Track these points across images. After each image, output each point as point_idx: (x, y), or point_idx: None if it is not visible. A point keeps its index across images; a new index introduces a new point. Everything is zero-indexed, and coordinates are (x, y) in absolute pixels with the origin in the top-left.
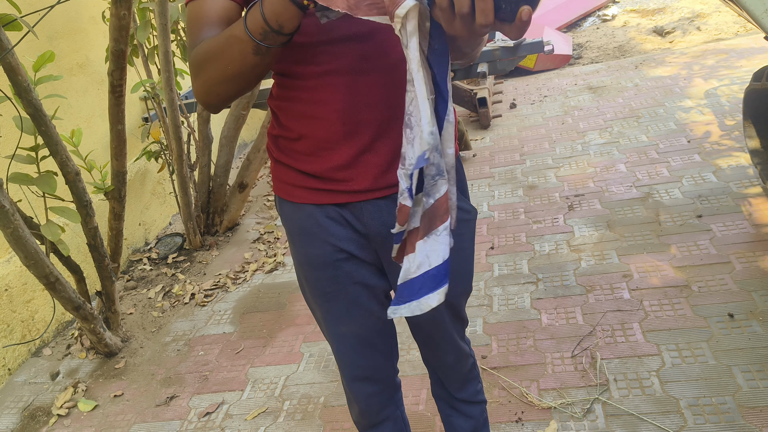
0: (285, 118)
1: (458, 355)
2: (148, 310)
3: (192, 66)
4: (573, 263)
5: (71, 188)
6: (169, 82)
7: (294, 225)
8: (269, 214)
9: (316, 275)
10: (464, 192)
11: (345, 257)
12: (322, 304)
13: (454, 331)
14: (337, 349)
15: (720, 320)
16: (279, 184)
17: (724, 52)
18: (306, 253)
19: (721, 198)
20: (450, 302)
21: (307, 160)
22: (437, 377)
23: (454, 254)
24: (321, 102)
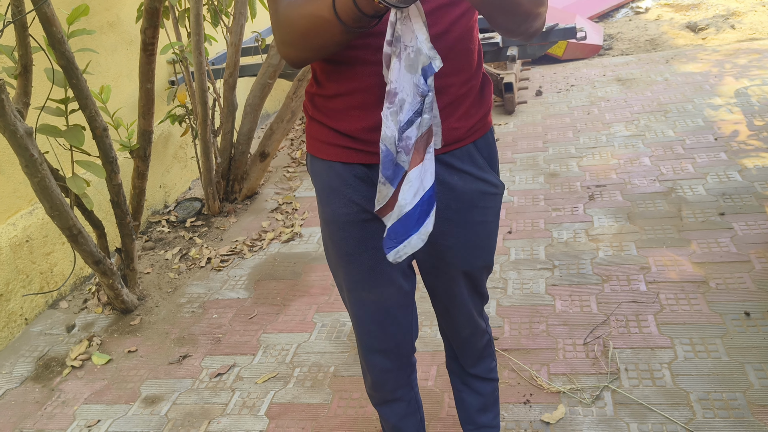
0: (323, 77)
1: (474, 330)
2: (165, 271)
3: (278, 32)
4: (590, 252)
5: (98, 143)
6: (198, 46)
7: (323, 182)
8: (288, 185)
9: (340, 234)
10: (494, 167)
11: (370, 218)
12: (345, 265)
13: (472, 305)
14: (356, 315)
15: (736, 318)
16: (311, 141)
17: (757, 52)
18: (332, 211)
19: (744, 197)
20: (470, 274)
21: (341, 118)
22: (452, 350)
23: (478, 226)
24: (361, 62)
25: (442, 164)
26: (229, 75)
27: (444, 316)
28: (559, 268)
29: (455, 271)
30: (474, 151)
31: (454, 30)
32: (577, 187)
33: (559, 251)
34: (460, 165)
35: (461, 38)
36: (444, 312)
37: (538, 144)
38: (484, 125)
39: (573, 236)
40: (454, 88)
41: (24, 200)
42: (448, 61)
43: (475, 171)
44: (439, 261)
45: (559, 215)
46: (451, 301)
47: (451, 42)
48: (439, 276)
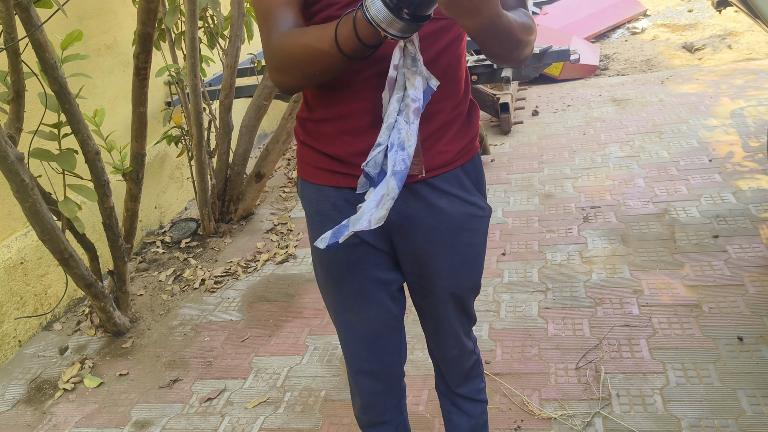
0: (314, 102)
1: (461, 350)
2: (158, 293)
3: (271, 59)
4: (584, 275)
5: (90, 167)
6: (194, 68)
7: (312, 207)
8: (284, 205)
9: (329, 258)
10: (482, 190)
11: (358, 242)
12: (333, 288)
13: (459, 326)
14: (345, 338)
15: (729, 343)
16: (302, 165)
17: (754, 73)
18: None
19: (739, 220)
20: (458, 295)
21: (331, 142)
22: (440, 370)
23: (466, 248)
24: (352, 89)
25: (430, 187)
26: (225, 96)
27: (432, 337)
28: (553, 290)
29: (443, 292)
30: (462, 175)
31: (444, 57)
32: (571, 208)
33: (553, 274)
34: (448, 188)
35: (450, 65)
36: (433, 333)
37: (534, 165)
38: (471, 149)
39: (567, 258)
40: (443, 114)
41: (19, 222)
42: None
43: (462, 194)
44: (428, 282)
45: (553, 237)
46: (439, 322)
47: (441, 68)
48: (427, 297)
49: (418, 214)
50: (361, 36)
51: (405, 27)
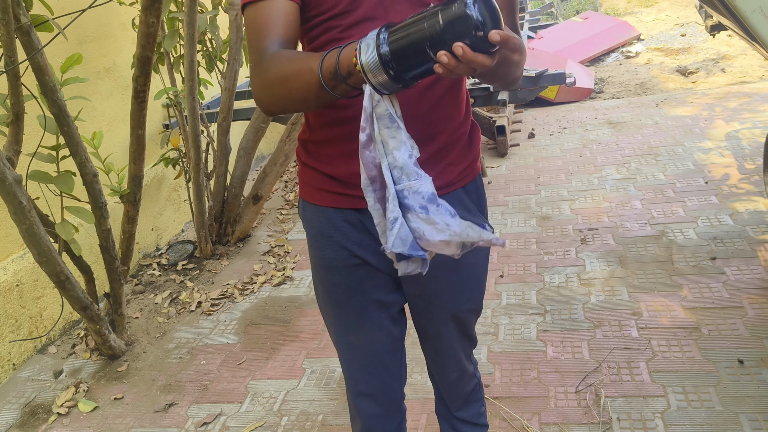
0: (316, 123)
1: (462, 373)
2: (154, 316)
3: (257, 82)
4: (582, 297)
5: (88, 189)
6: (192, 92)
7: (314, 227)
8: (281, 227)
9: (330, 279)
10: (483, 212)
11: (359, 263)
12: (333, 309)
13: (461, 348)
14: (345, 360)
15: (729, 365)
16: (304, 186)
17: (747, 95)
18: (322, 255)
19: (736, 242)
20: (459, 317)
21: (332, 163)
22: (440, 393)
23: (467, 270)
24: (353, 110)
25: None
26: (223, 119)
27: (433, 359)
28: (551, 313)
29: (445, 313)
30: (463, 196)
31: (445, 80)
32: (569, 230)
33: (551, 296)
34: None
35: (451, 87)
36: (433, 355)
37: (531, 187)
38: (472, 171)
39: (565, 280)
40: (445, 135)
41: (16, 244)
42: (438, 109)
43: (464, 215)
44: (429, 304)
45: (551, 259)
46: (440, 344)
47: (442, 91)
48: (428, 318)
49: None
50: (342, 70)
51: (387, 83)
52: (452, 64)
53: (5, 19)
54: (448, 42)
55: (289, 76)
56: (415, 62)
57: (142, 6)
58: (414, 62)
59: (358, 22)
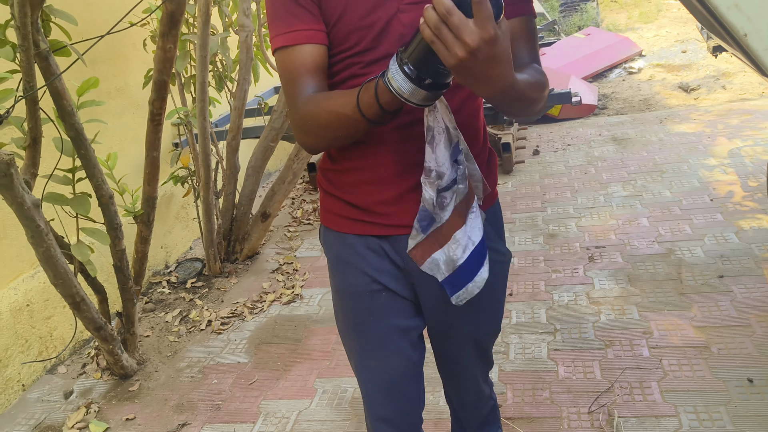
0: (337, 153)
1: (479, 396)
2: (165, 334)
3: (298, 123)
4: (592, 316)
5: (104, 210)
6: (203, 111)
7: (335, 254)
8: (289, 245)
9: (351, 305)
10: (500, 235)
11: (379, 289)
12: (354, 334)
13: (478, 371)
14: (365, 384)
15: (739, 384)
16: (326, 214)
17: (748, 113)
18: (343, 281)
19: (742, 260)
20: (479, 340)
21: (354, 192)
22: (457, 416)
23: (487, 294)
24: (375, 141)
25: None
26: (233, 138)
27: (450, 382)
28: (561, 332)
29: (464, 336)
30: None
31: (465, 108)
32: (576, 248)
33: (561, 314)
34: None
35: (471, 115)
36: (451, 377)
37: (537, 204)
38: (491, 196)
39: (574, 299)
40: None
41: (26, 264)
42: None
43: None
44: (449, 327)
45: (559, 277)
46: (459, 367)
47: (463, 119)
48: (448, 341)
49: None
50: (383, 103)
51: (427, 96)
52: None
53: (25, 45)
54: None
55: (329, 116)
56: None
57: (159, 32)
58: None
59: (379, 58)
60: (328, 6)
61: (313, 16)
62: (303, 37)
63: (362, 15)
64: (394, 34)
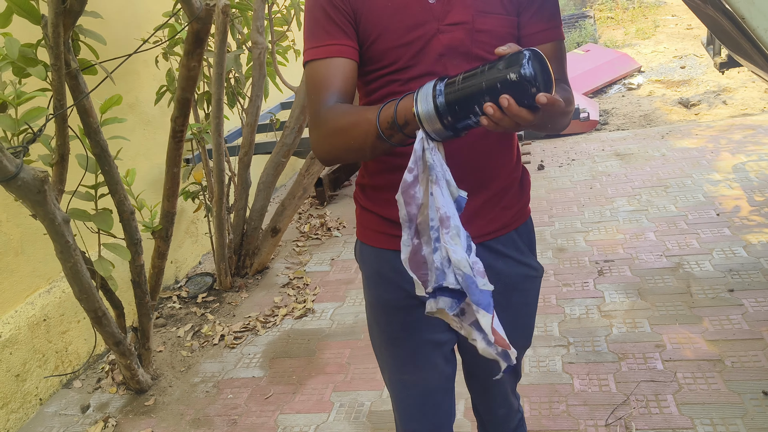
0: (375, 169)
1: (509, 409)
2: (177, 349)
3: (318, 131)
4: (604, 329)
5: (124, 226)
6: (218, 128)
7: (371, 268)
8: (298, 259)
9: (386, 319)
10: (533, 250)
11: (416, 303)
12: (389, 348)
13: (509, 384)
14: (399, 397)
15: (754, 397)
16: (362, 229)
17: (751, 128)
18: (379, 296)
19: (752, 273)
20: None
21: (390, 208)
22: (485, 429)
23: (520, 308)
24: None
25: (488, 250)
26: (245, 154)
27: (480, 396)
28: (575, 345)
29: None
30: (516, 237)
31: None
32: (585, 262)
33: (573, 328)
34: (504, 250)
35: (503, 136)
36: (481, 391)
37: (544, 218)
38: (524, 213)
39: (585, 312)
40: (499, 181)
41: (42, 279)
42: (493, 156)
43: (517, 255)
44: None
45: (570, 290)
46: (490, 381)
47: (496, 138)
48: (480, 356)
49: None
50: (399, 122)
51: (440, 131)
52: (497, 116)
53: (57, 65)
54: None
55: (347, 128)
56: (468, 114)
57: (184, 51)
58: (466, 114)
59: (418, 76)
60: (368, 24)
61: (346, 35)
62: (334, 51)
63: (402, 34)
64: (432, 54)
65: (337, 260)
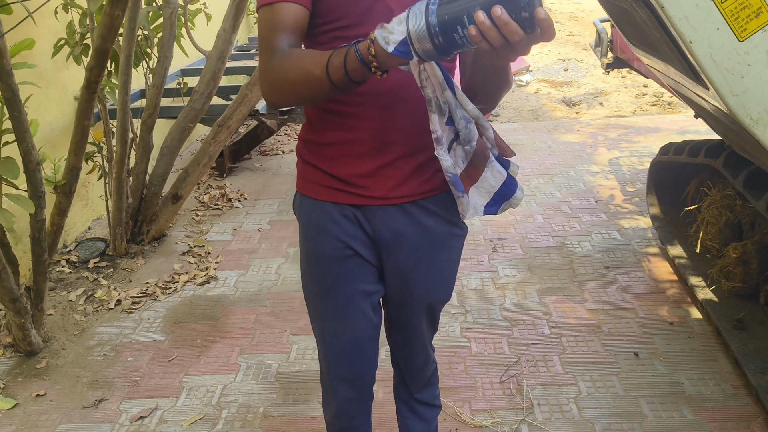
0: (320, 125)
1: (426, 358)
2: (70, 313)
3: (268, 76)
4: (498, 299)
5: (29, 177)
6: (125, 86)
7: (310, 220)
8: (199, 228)
9: (322, 269)
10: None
11: (351, 254)
12: (322, 298)
13: (428, 335)
14: (328, 345)
15: (627, 358)
16: (303, 182)
17: (624, 128)
18: (316, 246)
19: (625, 253)
20: (433, 306)
21: (333, 164)
22: (402, 378)
23: (444, 264)
24: (358, 117)
25: (420, 208)
26: (149, 116)
27: (401, 347)
28: (471, 313)
29: (420, 303)
30: (447, 199)
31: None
32: (480, 240)
33: (470, 298)
34: (435, 209)
35: None
36: (402, 342)
37: None
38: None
39: (481, 284)
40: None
41: None
42: (428, 121)
43: (446, 215)
44: (407, 294)
45: (467, 265)
46: (411, 332)
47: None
48: (404, 308)
49: (408, 231)
50: (349, 70)
51: (431, 51)
52: (487, 25)
53: None
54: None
55: (298, 72)
56: (456, 27)
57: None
58: (454, 27)
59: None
60: None
61: None
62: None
63: None
64: (379, 15)
65: (239, 230)
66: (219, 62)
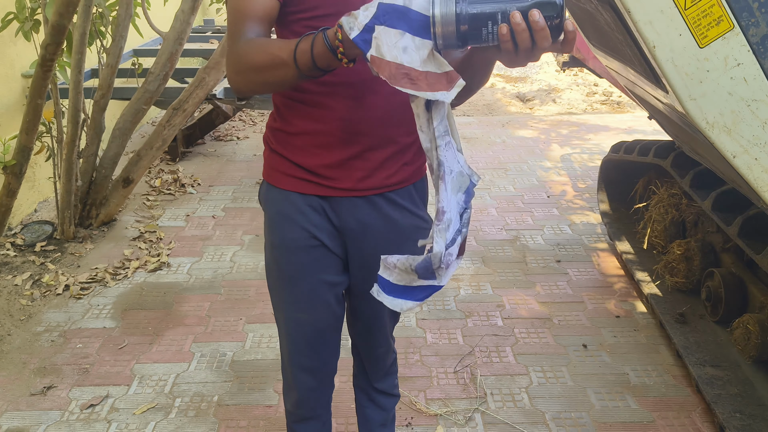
0: (288, 115)
1: (387, 348)
2: (15, 297)
3: (234, 62)
4: (453, 291)
5: None
6: (79, 65)
7: (276, 209)
8: (150, 213)
9: (287, 259)
10: (425, 204)
11: (317, 244)
12: (287, 287)
13: (389, 326)
14: (291, 334)
15: (576, 349)
16: (270, 171)
17: (575, 125)
18: (282, 236)
19: (575, 248)
20: None
21: (300, 154)
22: (362, 367)
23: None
24: (326, 108)
25: (387, 201)
26: (101, 96)
27: (363, 336)
28: (427, 304)
29: None
30: (413, 192)
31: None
32: None
33: None
34: (402, 202)
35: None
36: (364, 332)
37: None
38: (421, 171)
39: None
40: (405, 138)
41: None
42: (397, 114)
43: (412, 208)
44: (371, 285)
45: None
46: (374, 322)
47: (405, 97)
48: (368, 299)
49: (374, 223)
50: (315, 54)
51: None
52: (522, 26)
53: None
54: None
55: (264, 57)
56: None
57: None
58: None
59: None
60: None
61: None
62: None
63: None
64: (354, 4)
65: (192, 216)
66: (176, 44)
